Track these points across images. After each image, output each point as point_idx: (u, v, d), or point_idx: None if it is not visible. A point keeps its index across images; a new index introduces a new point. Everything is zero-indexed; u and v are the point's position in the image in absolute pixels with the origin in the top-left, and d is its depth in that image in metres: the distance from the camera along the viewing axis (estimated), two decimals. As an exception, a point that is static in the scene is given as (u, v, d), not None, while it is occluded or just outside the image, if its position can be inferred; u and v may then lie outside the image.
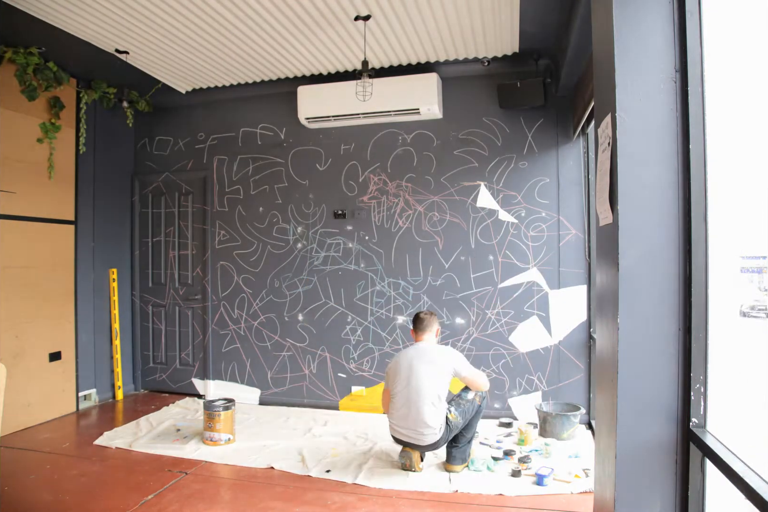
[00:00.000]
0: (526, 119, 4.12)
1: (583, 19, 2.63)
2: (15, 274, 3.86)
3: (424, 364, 3.06)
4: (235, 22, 3.41)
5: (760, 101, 1.62)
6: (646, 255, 1.61)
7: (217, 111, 4.83)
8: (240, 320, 4.74)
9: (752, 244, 1.74)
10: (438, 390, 3.02)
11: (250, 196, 4.73)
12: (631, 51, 1.62)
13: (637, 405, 1.61)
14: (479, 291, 4.19)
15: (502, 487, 2.85)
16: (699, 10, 1.58)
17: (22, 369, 3.87)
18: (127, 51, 3.86)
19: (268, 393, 4.66)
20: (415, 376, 3.03)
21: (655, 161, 1.61)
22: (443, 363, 3.08)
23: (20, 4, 3.11)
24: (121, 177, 4.98)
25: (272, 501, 2.74)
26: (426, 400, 2.99)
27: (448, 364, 3.08)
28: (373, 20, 3.40)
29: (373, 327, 4.42)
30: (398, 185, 4.37)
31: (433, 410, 2.99)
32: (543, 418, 3.69)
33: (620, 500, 1.62)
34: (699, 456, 1.56)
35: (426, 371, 3.04)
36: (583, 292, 3.98)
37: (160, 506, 2.66)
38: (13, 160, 3.86)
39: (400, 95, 4.05)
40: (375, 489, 2.87)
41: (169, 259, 4.97)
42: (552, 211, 4.05)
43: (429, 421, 2.97)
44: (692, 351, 1.57)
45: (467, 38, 3.72)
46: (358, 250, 4.45)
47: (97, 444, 3.56)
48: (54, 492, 2.83)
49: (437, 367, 3.06)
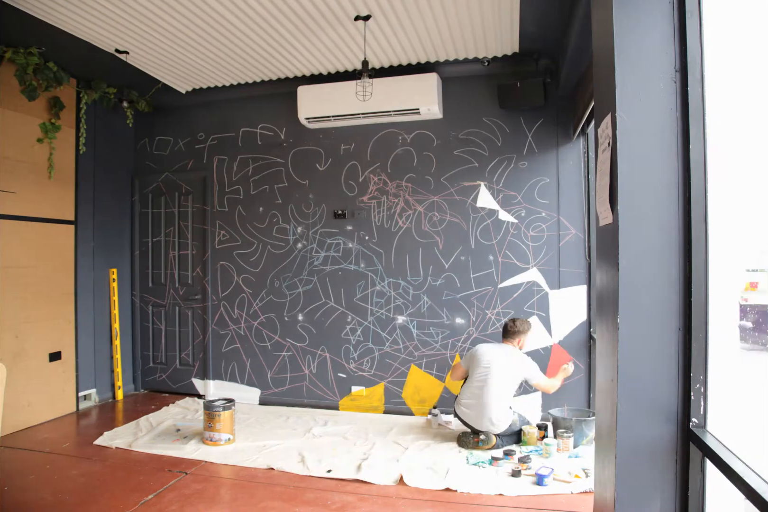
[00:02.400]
0: (526, 119, 4.12)
1: (583, 19, 2.63)
2: (15, 274, 3.85)
3: (500, 365, 3.50)
4: (235, 22, 3.41)
5: (760, 101, 1.62)
6: (646, 255, 1.60)
7: (217, 111, 4.83)
8: (240, 320, 4.74)
9: (753, 243, 1.73)
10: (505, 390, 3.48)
11: (250, 196, 4.73)
12: (631, 51, 1.62)
13: (637, 405, 1.60)
14: (479, 291, 4.19)
15: (502, 487, 2.85)
16: (699, 9, 1.57)
17: (22, 369, 3.87)
18: (127, 51, 3.86)
19: (268, 393, 4.66)
20: (492, 374, 3.47)
21: (655, 161, 1.61)
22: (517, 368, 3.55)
23: (20, 4, 3.11)
24: (121, 177, 4.98)
25: (272, 501, 2.74)
26: (492, 398, 3.43)
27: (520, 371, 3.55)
28: (373, 20, 3.40)
29: (373, 327, 4.42)
30: (398, 185, 4.37)
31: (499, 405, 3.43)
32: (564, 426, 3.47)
33: (620, 500, 1.62)
34: (699, 457, 1.56)
35: (500, 372, 3.48)
36: (583, 292, 3.98)
37: (160, 506, 2.66)
38: (13, 160, 3.86)
39: (400, 95, 4.05)
40: (375, 489, 2.87)
41: (169, 259, 4.97)
42: (552, 211, 4.05)
43: (493, 417, 3.41)
44: (692, 351, 1.57)
45: (467, 38, 3.72)
46: (358, 249, 4.45)
47: (97, 444, 3.56)
48: (54, 492, 2.83)
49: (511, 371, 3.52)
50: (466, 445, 3.44)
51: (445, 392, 4.21)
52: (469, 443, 3.43)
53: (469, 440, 3.44)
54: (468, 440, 3.45)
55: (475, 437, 3.43)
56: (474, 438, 3.43)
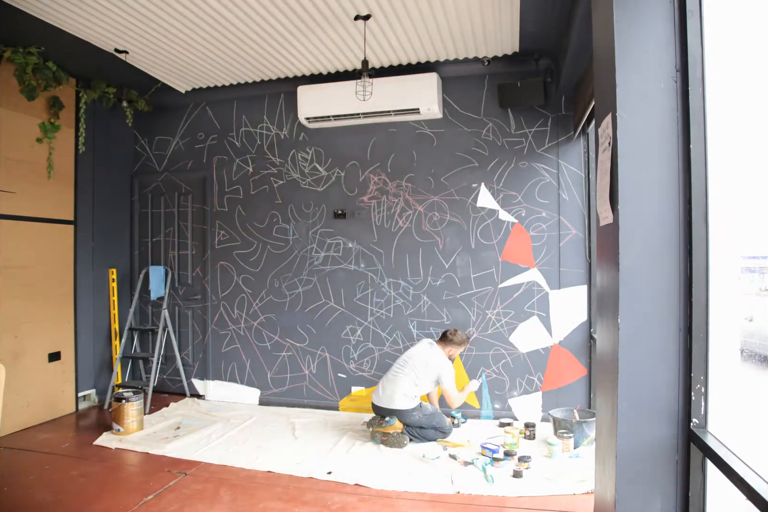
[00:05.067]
0: (526, 119, 4.11)
1: (584, 18, 2.62)
2: (14, 274, 3.85)
3: (420, 360, 3.69)
4: (235, 22, 3.41)
5: (761, 101, 1.62)
6: (646, 255, 1.60)
7: (217, 111, 4.82)
8: (240, 320, 4.73)
9: (753, 243, 1.73)
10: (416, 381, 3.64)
11: (249, 196, 4.72)
12: (631, 50, 1.61)
13: (638, 405, 1.60)
14: (479, 291, 4.18)
15: (502, 488, 2.85)
16: (700, 9, 1.57)
17: (22, 370, 3.86)
18: (126, 50, 3.86)
19: (268, 394, 4.66)
20: (409, 365, 3.68)
21: (656, 161, 1.60)
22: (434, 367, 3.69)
23: (20, 3, 3.10)
24: (120, 177, 4.98)
25: (272, 501, 2.74)
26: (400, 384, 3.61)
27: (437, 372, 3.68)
28: (373, 20, 3.39)
29: (373, 328, 4.41)
30: (398, 185, 4.37)
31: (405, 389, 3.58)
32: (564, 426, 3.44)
33: (621, 500, 1.61)
34: (700, 457, 1.56)
35: (418, 365, 3.67)
36: (583, 292, 3.98)
37: (160, 506, 2.65)
38: (12, 160, 3.85)
39: (400, 95, 4.04)
40: (375, 490, 2.86)
41: (169, 259, 4.97)
42: (552, 211, 4.04)
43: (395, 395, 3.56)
44: (693, 352, 1.57)
45: (467, 38, 3.72)
46: (358, 250, 4.45)
47: (97, 444, 3.56)
48: (53, 493, 2.82)
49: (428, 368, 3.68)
50: (371, 426, 3.60)
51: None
52: (374, 424, 3.58)
53: (375, 421, 3.59)
54: (374, 422, 3.60)
55: (381, 419, 3.57)
56: (380, 420, 3.57)
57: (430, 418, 3.58)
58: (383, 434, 3.50)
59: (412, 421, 3.54)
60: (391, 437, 3.47)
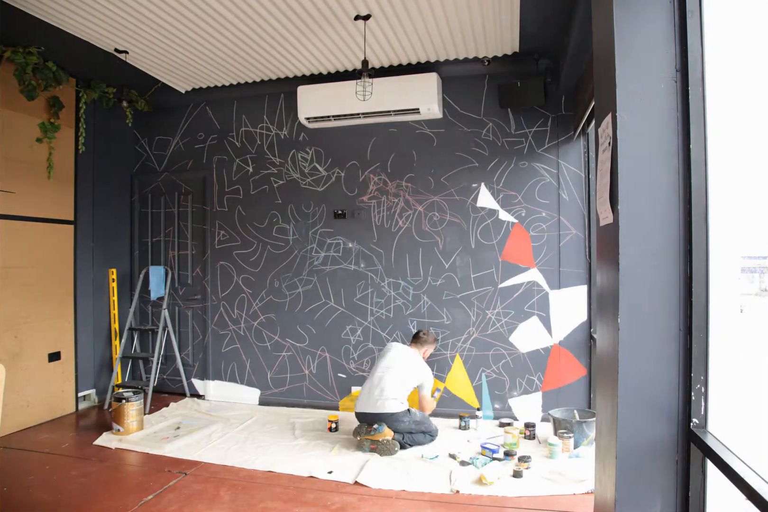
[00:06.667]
0: (526, 119, 4.11)
1: (584, 18, 2.62)
2: (14, 274, 3.85)
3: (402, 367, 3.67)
4: (235, 22, 3.41)
5: (761, 101, 1.62)
6: (646, 255, 1.60)
7: (217, 111, 4.82)
8: (240, 320, 4.73)
9: (753, 243, 1.73)
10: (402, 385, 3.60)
11: (249, 196, 4.72)
12: (631, 51, 1.61)
13: (638, 405, 1.60)
14: (479, 291, 4.18)
15: (502, 487, 2.85)
16: (700, 9, 1.57)
17: (22, 370, 3.86)
18: (126, 50, 3.86)
19: (267, 394, 4.65)
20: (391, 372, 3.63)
21: (656, 161, 1.60)
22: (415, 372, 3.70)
23: (20, 3, 3.10)
24: (120, 177, 4.98)
25: (272, 501, 2.74)
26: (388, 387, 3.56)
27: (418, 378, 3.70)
28: (373, 20, 3.39)
29: (373, 328, 4.41)
30: (398, 185, 4.37)
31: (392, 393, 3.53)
32: (564, 426, 3.44)
33: (621, 501, 1.61)
34: (700, 457, 1.56)
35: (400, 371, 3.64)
36: (583, 292, 3.98)
37: (160, 506, 2.65)
38: (12, 160, 3.85)
39: (400, 95, 4.04)
40: (375, 490, 2.86)
41: (169, 259, 4.97)
42: (552, 211, 4.04)
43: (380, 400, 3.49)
44: (693, 352, 1.57)
45: (467, 38, 3.72)
46: (358, 249, 4.45)
47: (97, 444, 3.56)
48: (53, 493, 2.82)
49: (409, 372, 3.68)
50: (358, 434, 3.45)
51: (445, 392, 4.20)
52: (361, 432, 3.44)
53: (362, 429, 3.46)
54: (361, 430, 3.46)
55: (368, 427, 3.45)
56: (368, 427, 3.45)
57: (419, 424, 3.51)
58: (372, 442, 3.39)
59: (402, 428, 3.44)
60: (380, 445, 3.35)
